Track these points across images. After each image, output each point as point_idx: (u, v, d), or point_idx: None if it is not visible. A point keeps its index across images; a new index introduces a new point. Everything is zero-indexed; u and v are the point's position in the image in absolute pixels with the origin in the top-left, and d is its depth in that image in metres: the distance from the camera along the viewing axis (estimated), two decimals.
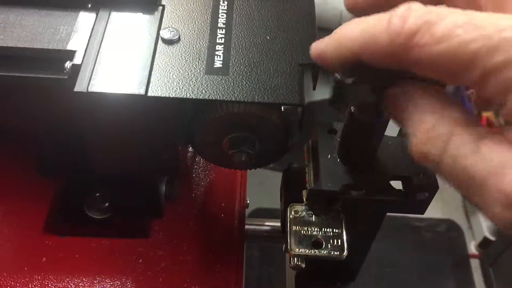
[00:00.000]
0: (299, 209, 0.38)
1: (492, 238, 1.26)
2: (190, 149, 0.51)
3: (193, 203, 0.49)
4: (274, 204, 0.50)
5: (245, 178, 0.52)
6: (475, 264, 1.27)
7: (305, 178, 0.41)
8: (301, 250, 0.37)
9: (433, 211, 1.30)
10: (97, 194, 0.46)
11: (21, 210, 0.47)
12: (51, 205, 0.47)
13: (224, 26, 0.40)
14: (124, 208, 0.45)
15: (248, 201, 0.51)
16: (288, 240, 0.37)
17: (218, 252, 0.46)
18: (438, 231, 1.33)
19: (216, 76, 0.36)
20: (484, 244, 1.27)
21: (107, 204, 0.45)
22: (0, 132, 0.49)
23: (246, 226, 0.50)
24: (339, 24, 0.25)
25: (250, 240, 0.52)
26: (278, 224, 0.57)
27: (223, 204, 0.50)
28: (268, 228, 0.58)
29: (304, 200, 0.38)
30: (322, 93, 0.31)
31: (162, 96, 0.34)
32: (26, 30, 0.38)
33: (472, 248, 1.30)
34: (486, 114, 1.41)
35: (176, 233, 0.47)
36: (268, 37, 0.39)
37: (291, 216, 0.38)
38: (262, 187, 1.10)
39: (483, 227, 1.30)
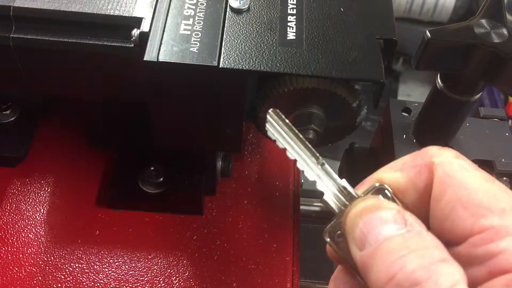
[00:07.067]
0: None
1: None
2: None
3: (247, 181, 0.48)
4: None
5: None
6: None
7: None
8: None
9: None
10: (152, 168, 0.44)
11: (73, 181, 0.46)
12: (104, 177, 0.46)
13: None
14: (178, 183, 0.44)
15: (302, 181, 0.50)
16: None
17: (274, 232, 0.45)
18: None
19: (290, 49, 0.34)
20: None
21: (161, 179, 0.44)
22: (55, 101, 0.48)
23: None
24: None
25: None
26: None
27: (277, 183, 0.48)
28: (317, 209, 0.56)
29: None
30: None
31: (234, 68, 0.33)
32: None
33: None
34: None
35: (230, 211, 0.46)
36: (342, 9, 0.37)
37: None
38: None
39: None
